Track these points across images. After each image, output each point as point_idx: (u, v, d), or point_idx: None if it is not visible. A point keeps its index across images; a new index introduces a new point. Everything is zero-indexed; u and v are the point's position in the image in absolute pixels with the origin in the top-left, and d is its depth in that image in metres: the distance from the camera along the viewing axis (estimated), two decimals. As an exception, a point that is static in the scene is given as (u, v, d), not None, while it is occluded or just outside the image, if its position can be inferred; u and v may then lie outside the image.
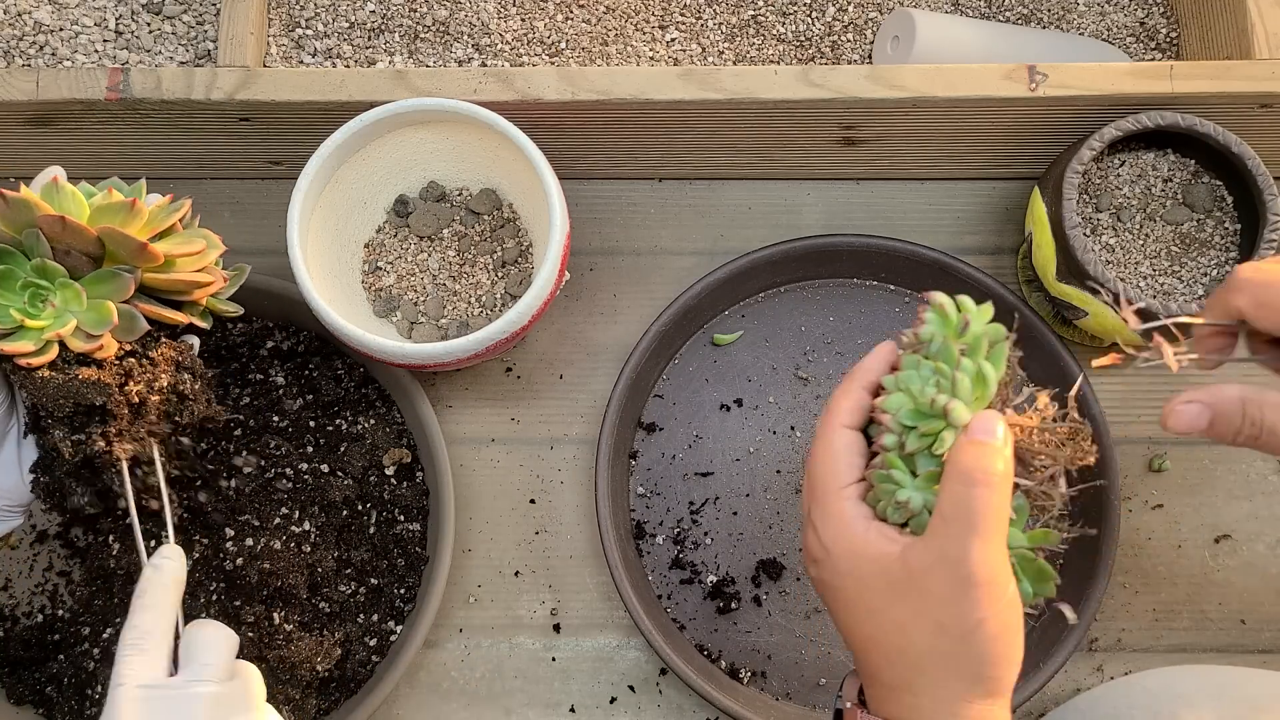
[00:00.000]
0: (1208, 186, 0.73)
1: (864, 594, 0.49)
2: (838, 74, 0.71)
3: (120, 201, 0.55)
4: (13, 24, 0.79)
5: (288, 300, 0.73)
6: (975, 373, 0.49)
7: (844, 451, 0.51)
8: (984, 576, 0.46)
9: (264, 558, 0.67)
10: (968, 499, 0.46)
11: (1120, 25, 0.83)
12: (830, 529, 0.50)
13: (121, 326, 0.56)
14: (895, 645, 0.49)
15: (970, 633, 0.47)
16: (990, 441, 0.47)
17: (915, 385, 0.50)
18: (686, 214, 0.80)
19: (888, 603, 0.48)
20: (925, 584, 0.47)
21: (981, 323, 0.50)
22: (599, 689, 0.72)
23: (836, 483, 0.51)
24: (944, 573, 0.46)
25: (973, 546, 0.46)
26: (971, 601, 0.46)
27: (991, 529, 0.46)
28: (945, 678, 0.48)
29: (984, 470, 0.46)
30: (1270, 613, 0.73)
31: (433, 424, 0.72)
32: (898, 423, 0.50)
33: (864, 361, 0.53)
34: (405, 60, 0.80)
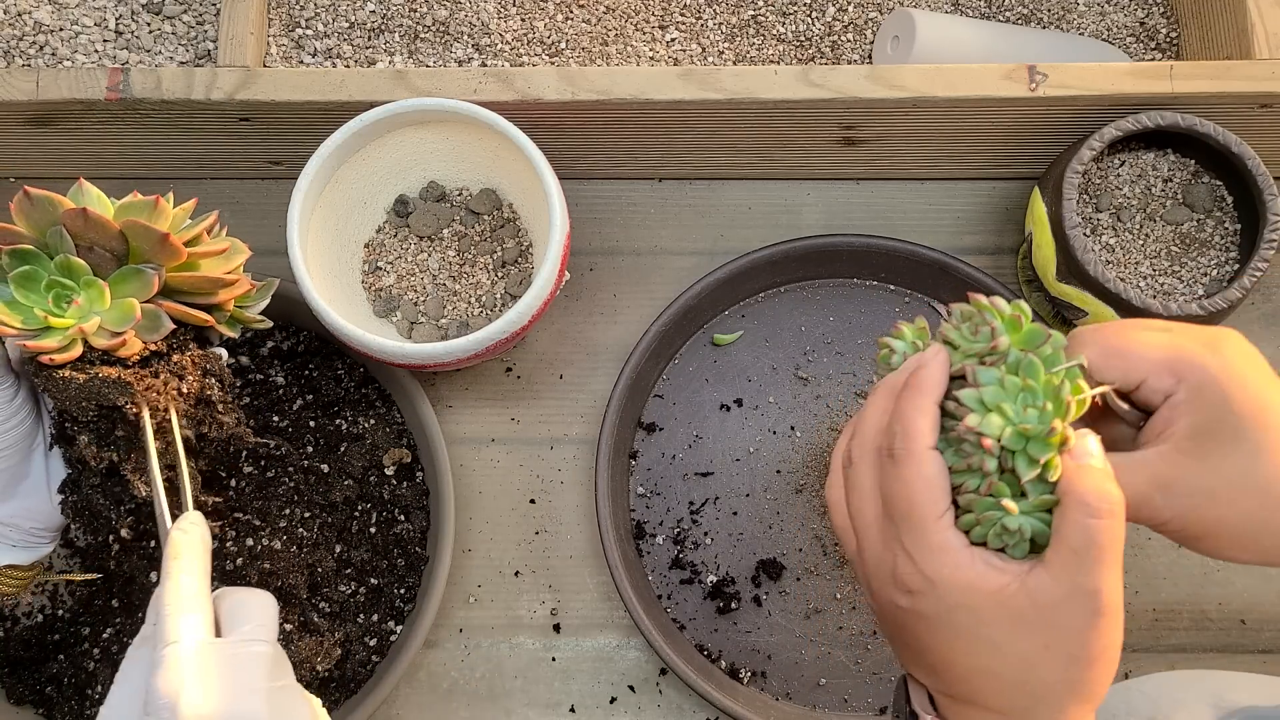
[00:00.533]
0: (1208, 186, 0.73)
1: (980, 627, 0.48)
2: (838, 74, 0.71)
3: (144, 201, 0.55)
4: (13, 24, 0.79)
5: (288, 300, 0.73)
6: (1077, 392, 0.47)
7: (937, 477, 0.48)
8: (1113, 605, 0.46)
9: (264, 558, 0.67)
10: (1094, 530, 0.45)
11: (1120, 25, 0.83)
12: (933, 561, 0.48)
13: (145, 325, 0.55)
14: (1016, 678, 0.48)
15: (1096, 659, 0.47)
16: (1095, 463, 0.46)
17: (1007, 405, 0.47)
18: (686, 214, 0.80)
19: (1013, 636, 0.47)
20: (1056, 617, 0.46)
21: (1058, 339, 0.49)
22: (599, 689, 0.72)
23: (934, 511, 0.48)
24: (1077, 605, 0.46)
25: (1104, 578, 0.46)
26: (1100, 631, 0.47)
27: (1115, 557, 0.46)
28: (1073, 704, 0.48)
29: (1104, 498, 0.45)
30: (1270, 613, 0.73)
31: (433, 424, 0.72)
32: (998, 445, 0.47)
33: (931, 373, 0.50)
34: (405, 60, 0.80)
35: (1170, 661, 0.72)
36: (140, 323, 0.55)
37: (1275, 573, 0.74)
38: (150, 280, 0.55)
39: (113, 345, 0.54)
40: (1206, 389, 0.47)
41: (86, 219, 0.53)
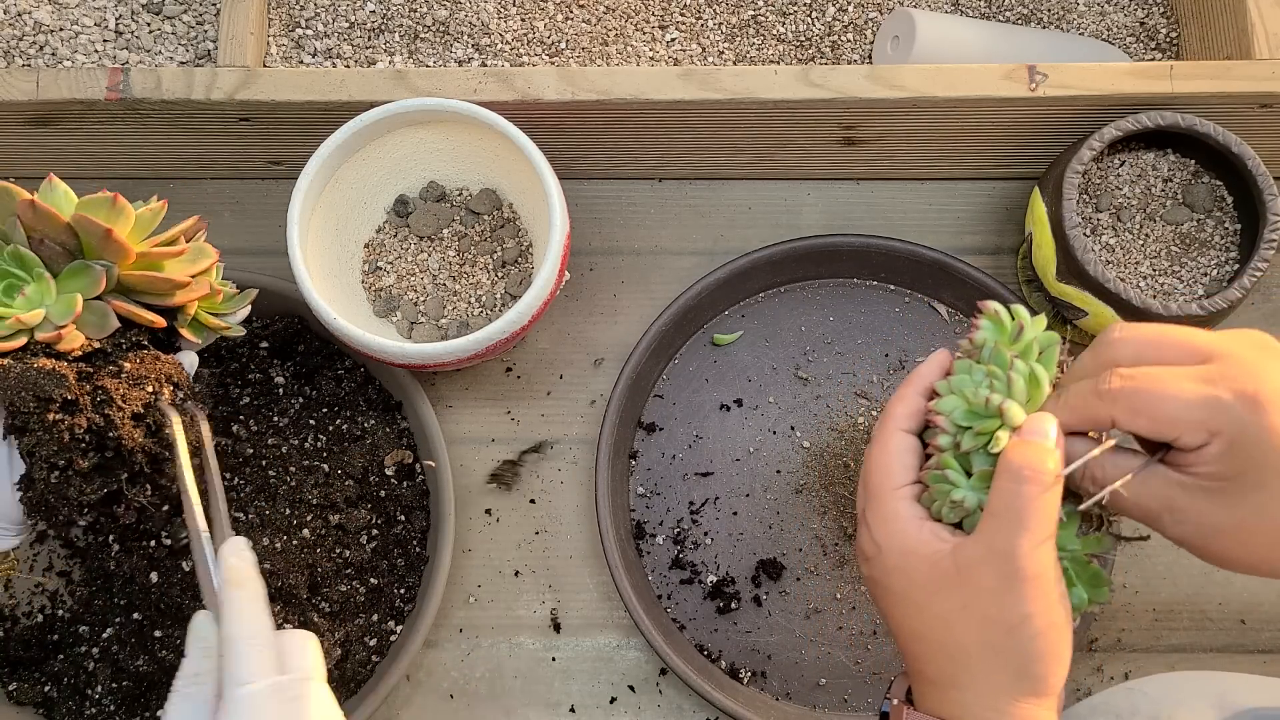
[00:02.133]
0: (1208, 186, 0.73)
1: (911, 590, 0.50)
2: (838, 74, 0.71)
3: (103, 198, 0.54)
4: (13, 24, 0.79)
5: (288, 300, 0.73)
6: (1029, 374, 0.50)
7: (899, 453, 0.52)
8: (1031, 571, 0.47)
9: (264, 558, 0.67)
10: (1017, 495, 0.47)
11: (1120, 25, 0.83)
12: (883, 527, 0.51)
13: (91, 321, 0.54)
14: (940, 640, 0.49)
15: (1016, 627, 0.47)
16: (1042, 440, 0.48)
17: (969, 388, 0.51)
18: (686, 214, 0.80)
19: (934, 597, 0.49)
20: (972, 578, 0.48)
21: (1035, 330, 0.51)
22: (599, 689, 0.72)
23: (891, 483, 0.52)
24: (992, 567, 0.47)
25: (1020, 541, 0.46)
26: (1017, 595, 0.47)
27: (1040, 525, 0.47)
28: (990, 672, 0.48)
29: (1034, 468, 0.47)
30: (1270, 613, 0.73)
31: (433, 424, 0.72)
32: (952, 423, 0.51)
33: (919, 368, 0.54)
34: (405, 60, 0.80)
35: (1170, 662, 0.72)
36: (82, 317, 0.54)
37: (1275, 573, 0.74)
38: (98, 276, 0.54)
39: (51, 338, 0.53)
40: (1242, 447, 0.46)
41: (35, 211, 0.53)
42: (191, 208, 0.79)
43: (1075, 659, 0.71)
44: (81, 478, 0.54)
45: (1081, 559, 0.50)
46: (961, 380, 0.52)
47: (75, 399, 0.53)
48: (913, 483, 0.52)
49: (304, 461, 0.71)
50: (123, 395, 0.54)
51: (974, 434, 0.50)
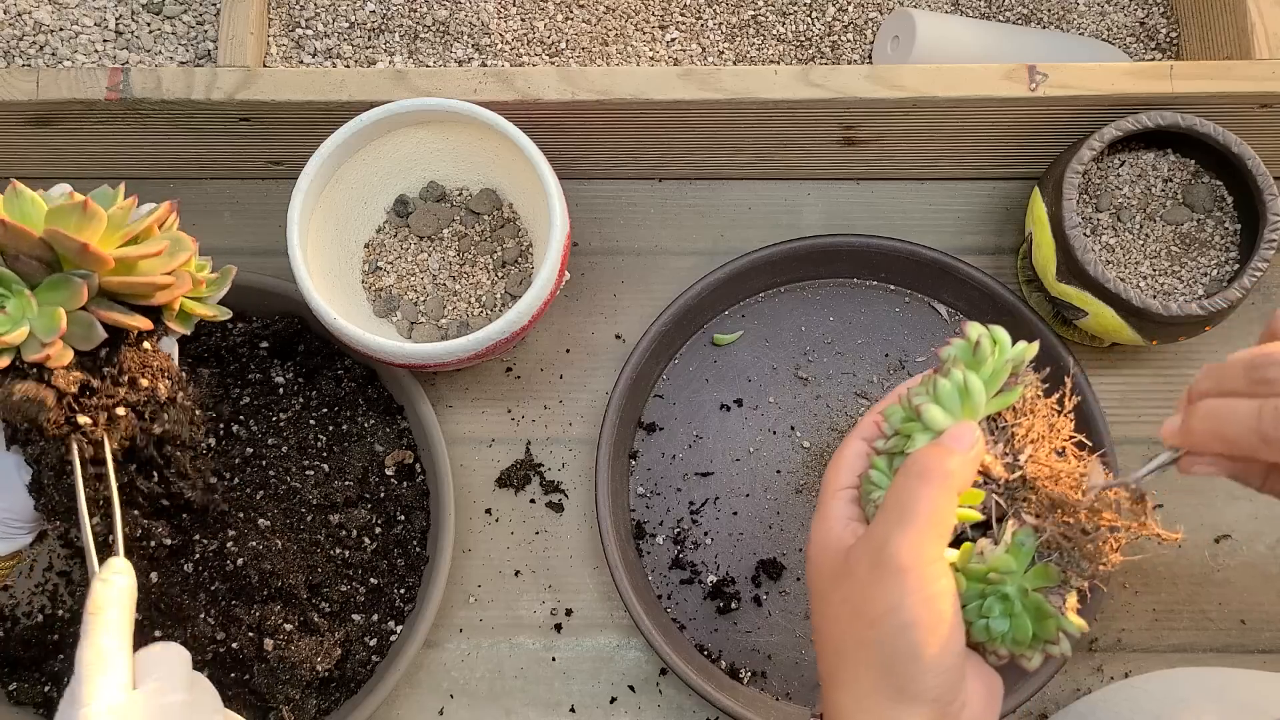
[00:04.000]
0: (1208, 186, 0.73)
1: (818, 584, 0.50)
2: (838, 74, 0.71)
3: (73, 204, 0.53)
4: (13, 24, 0.79)
5: (288, 300, 0.73)
6: (961, 383, 0.49)
7: (848, 459, 0.53)
8: (903, 563, 0.45)
9: (265, 558, 0.67)
10: (907, 490, 0.46)
11: (1120, 25, 0.83)
12: (816, 525, 0.52)
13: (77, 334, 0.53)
14: (828, 635, 0.49)
15: (879, 618, 0.45)
16: (951, 444, 0.47)
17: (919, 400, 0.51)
18: (686, 214, 0.80)
19: (829, 589, 0.49)
20: (852, 569, 0.47)
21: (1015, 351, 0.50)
22: (599, 689, 0.72)
23: (835, 484, 0.52)
24: (866, 556, 0.47)
25: (897, 533, 0.46)
26: (885, 586, 0.45)
27: (923, 522, 0.46)
28: (858, 668, 0.46)
29: (931, 468, 0.46)
30: (1270, 613, 0.73)
31: (433, 424, 0.72)
32: (889, 426, 0.51)
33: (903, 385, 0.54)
34: (405, 60, 0.80)
35: (1170, 662, 0.72)
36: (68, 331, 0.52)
37: (1275, 572, 0.74)
38: (79, 289, 0.53)
39: (42, 357, 0.52)
40: None
41: (5, 228, 0.51)
42: (191, 208, 0.79)
43: (1075, 659, 0.72)
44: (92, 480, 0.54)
45: (1025, 587, 0.48)
46: (916, 390, 0.52)
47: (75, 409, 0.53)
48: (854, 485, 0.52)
49: (304, 461, 0.71)
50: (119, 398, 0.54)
51: (899, 436, 0.50)
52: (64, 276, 0.53)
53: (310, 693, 0.68)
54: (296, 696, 0.67)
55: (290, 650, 0.66)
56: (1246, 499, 0.75)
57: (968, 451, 0.47)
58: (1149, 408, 0.76)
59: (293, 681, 0.67)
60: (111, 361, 0.55)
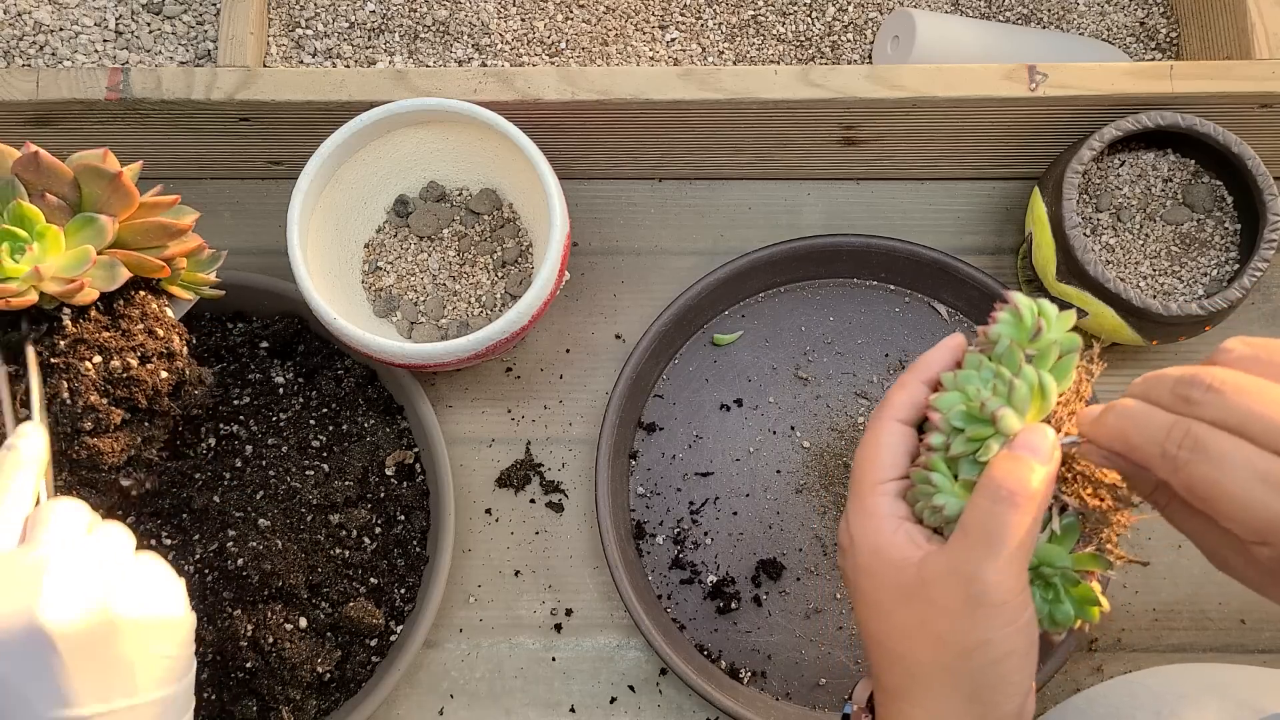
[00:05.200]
0: (1208, 186, 0.73)
1: (877, 593, 0.48)
2: (838, 74, 0.71)
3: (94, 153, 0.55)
4: (13, 24, 0.79)
5: (288, 300, 0.73)
6: (1035, 382, 0.46)
7: (890, 445, 0.50)
8: (995, 598, 0.44)
9: (265, 557, 0.67)
10: (991, 515, 0.44)
11: (1120, 25, 0.83)
12: (860, 522, 0.49)
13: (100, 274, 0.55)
14: (899, 651, 0.48)
15: (971, 651, 0.45)
16: (1030, 458, 0.45)
17: (972, 386, 0.48)
18: (686, 214, 0.80)
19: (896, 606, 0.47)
20: (933, 595, 0.46)
21: (1059, 331, 0.47)
22: (599, 689, 0.72)
23: (876, 476, 0.49)
24: (954, 587, 0.45)
25: (987, 566, 0.44)
26: (976, 621, 0.45)
27: (1011, 550, 0.44)
28: (942, 693, 0.46)
29: (1014, 488, 0.44)
30: (1270, 613, 0.73)
31: (433, 424, 0.72)
32: (947, 423, 0.48)
33: (928, 355, 0.51)
34: (405, 60, 0.80)
35: (1170, 662, 0.72)
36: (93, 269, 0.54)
37: (1275, 573, 0.74)
38: (105, 228, 0.55)
39: (67, 291, 0.54)
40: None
41: (39, 165, 0.53)
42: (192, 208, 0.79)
43: (1075, 659, 0.72)
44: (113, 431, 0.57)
45: (1072, 576, 0.48)
46: (968, 376, 0.48)
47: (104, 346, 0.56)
48: (900, 478, 0.50)
49: (304, 461, 0.71)
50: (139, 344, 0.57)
51: (965, 438, 0.47)
52: (90, 216, 0.55)
53: (310, 693, 0.68)
54: (296, 697, 0.67)
55: (291, 650, 0.66)
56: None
57: (1047, 463, 0.45)
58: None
59: (293, 682, 0.67)
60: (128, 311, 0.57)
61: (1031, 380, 0.46)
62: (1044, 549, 0.47)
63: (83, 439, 0.56)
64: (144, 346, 0.57)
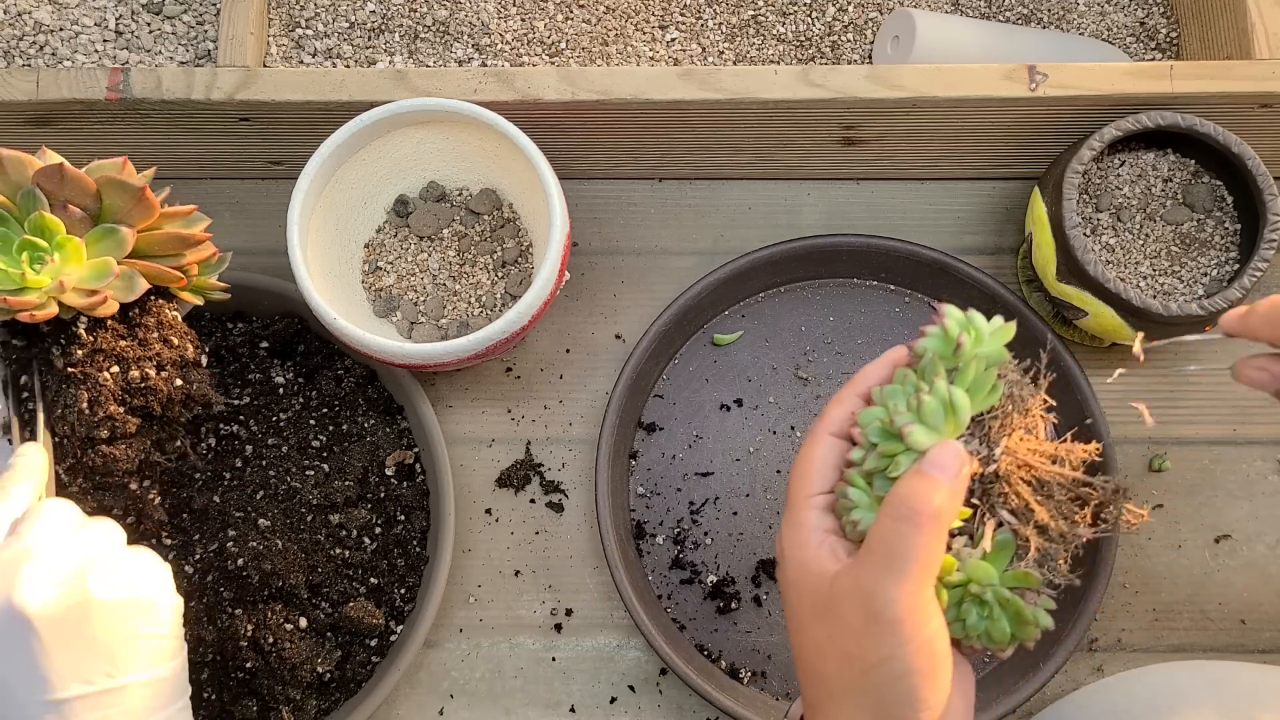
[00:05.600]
0: (1208, 186, 0.73)
1: (798, 607, 0.49)
2: (838, 74, 0.71)
3: (114, 162, 0.56)
4: (13, 24, 0.79)
5: (288, 300, 0.73)
6: (946, 399, 0.46)
7: (821, 458, 0.50)
8: (894, 615, 0.44)
9: (265, 557, 0.67)
10: (894, 533, 0.45)
11: (1120, 25, 0.83)
12: (790, 535, 0.49)
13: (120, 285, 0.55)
14: (812, 664, 0.48)
15: (873, 667, 0.45)
16: (936, 475, 0.45)
17: (893, 401, 0.48)
18: (686, 214, 0.80)
19: (811, 620, 0.48)
20: (841, 609, 0.46)
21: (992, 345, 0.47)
22: (599, 689, 0.72)
23: (806, 490, 0.50)
24: (855, 603, 0.45)
25: (886, 583, 0.44)
26: (876, 637, 0.45)
27: (911, 569, 0.44)
28: (849, 708, 0.46)
29: (917, 508, 0.45)
30: (1270, 613, 0.73)
31: (433, 424, 0.72)
32: (865, 438, 0.48)
33: (867, 368, 0.52)
34: (405, 60, 0.80)
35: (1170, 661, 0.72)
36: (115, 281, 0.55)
37: (1275, 572, 0.74)
38: (125, 239, 0.55)
39: (90, 304, 0.54)
40: None
41: (63, 176, 0.53)
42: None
43: (1075, 659, 0.72)
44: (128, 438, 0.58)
45: (1004, 594, 0.47)
46: (892, 391, 0.48)
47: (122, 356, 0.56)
48: (829, 491, 0.50)
49: (304, 461, 0.71)
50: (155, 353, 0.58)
51: (879, 454, 0.47)
52: (110, 227, 0.55)
53: (310, 693, 0.68)
54: (296, 697, 0.67)
55: (291, 650, 0.66)
56: (1246, 499, 0.75)
57: (954, 479, 0.45)
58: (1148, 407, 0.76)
59: (293, 682, 0.67)
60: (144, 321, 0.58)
61: (943, 395, 0.46)
62: (973, 566, 0.47)
63: (98, 447, 0.56)
64: (159, 355, 0.58)
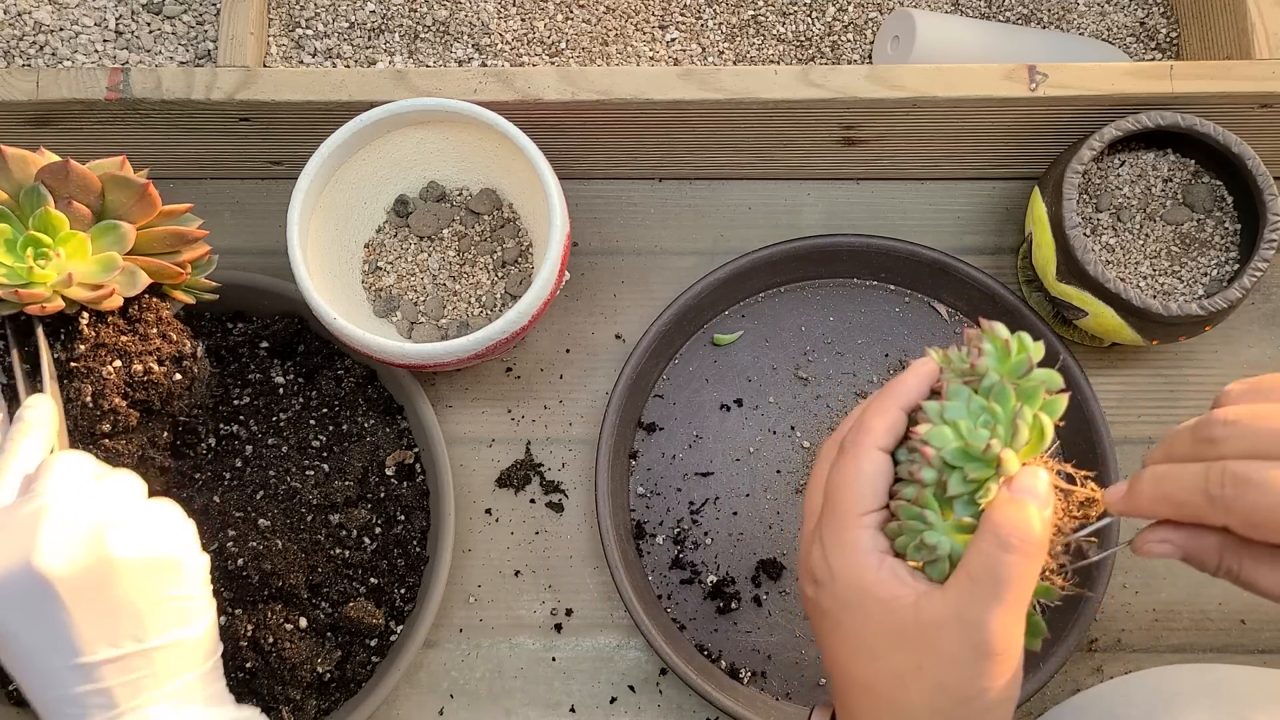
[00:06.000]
0: (1208, 186, 0.73)
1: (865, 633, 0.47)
2: (838, 74, 0.71)
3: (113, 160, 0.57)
4: (13, 24, 0.79)
5: (288, 300, 0.73)
6: (1036, 424, 0.46)
7: (872, 475, 0.48)
8: (999, 647, 0.44)
9: (265, 557, 0.67)
10: (999, 563, 0.44)
11: (1120, 25, 0.83)
12: (842, 555, 0.47)
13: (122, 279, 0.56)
14: (890, 696, 0.46)
15: (970, 699, 0.45)
16: (1032, 501, 0.44)
17: (964, 422, 0.46)
18: (686, 214, 0.80)
19: (890, 649, 0.46)
20: (934, 640, 0.45)
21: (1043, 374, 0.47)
22: (599, 689, 0.72)
23: (859, 507, 0.48)
24: (958, 633, 0.44)
25: (994, 614, 0.44)
26: (978, 669, 0.44)
27: (1017, 598, 0.44)
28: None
29: (1021, 535, 0.44)
30: (1270, 613, 0.73)
31: (433, 424, 0.72)
32: (940, 460, 0.46)
33: (904, 379, 0.49)
34: (405, 60, 0.80)
35: (1170, 662, 0.72)
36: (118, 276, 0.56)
37: (1275, 573, 0.74)
38: (126, 235, 0.56)
39: (95, 298, 0.55)
40: None
41: (69, 173, 0.54)
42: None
43: (1075, 659, 0.72)
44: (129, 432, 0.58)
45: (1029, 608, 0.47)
46: (956, 409, 0.47)
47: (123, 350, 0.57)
48: (880, 509, 0.48)
49: (304, 461, 0.71)
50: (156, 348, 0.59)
51: (963, 478, 0.46)
52: (112, 223, 0.56)
53: (310, 693, 0.68)
54: (296, 697, 0.67)
55: (291, 650, 0.66)
56: (1246, 499, 0.75)
57: (1046, 507, 0.45)
58: (1149, 408, 0.76)
59: (293, 682, 0.67)
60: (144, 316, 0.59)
61: (1030, 422, 0.46)
62: None
63: (100, 441, 0.57)
64: (160, 350, 0.59)
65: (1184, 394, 0.77)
